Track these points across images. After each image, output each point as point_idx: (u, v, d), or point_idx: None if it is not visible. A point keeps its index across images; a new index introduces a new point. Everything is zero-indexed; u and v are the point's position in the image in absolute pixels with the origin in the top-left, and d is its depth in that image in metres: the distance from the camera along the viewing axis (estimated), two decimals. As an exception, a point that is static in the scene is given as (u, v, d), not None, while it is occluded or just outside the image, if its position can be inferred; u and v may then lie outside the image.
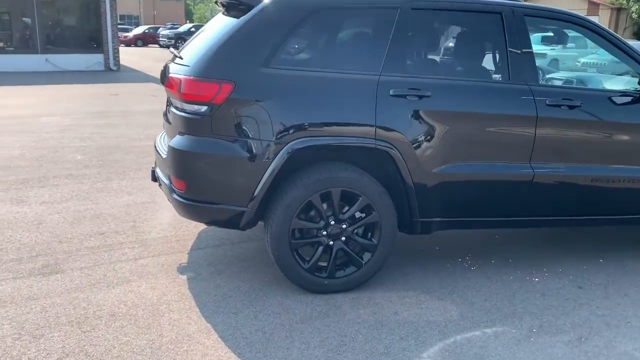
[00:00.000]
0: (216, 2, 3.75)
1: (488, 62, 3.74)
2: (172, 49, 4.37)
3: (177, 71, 3.28)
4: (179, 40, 30.90)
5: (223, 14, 3.60)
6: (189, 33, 30.08)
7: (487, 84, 3.55)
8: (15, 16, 18.24)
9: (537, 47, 7.93)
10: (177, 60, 3.48)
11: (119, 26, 25.42)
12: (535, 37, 6.22)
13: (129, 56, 25.15)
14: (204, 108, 3.13)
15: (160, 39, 35.96)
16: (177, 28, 38.33)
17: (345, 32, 3.62)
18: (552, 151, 3.55)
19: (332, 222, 3.31)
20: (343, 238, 3.35)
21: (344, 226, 3.33)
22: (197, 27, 21.61)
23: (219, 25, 3.45)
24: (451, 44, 4.01)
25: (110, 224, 4.49)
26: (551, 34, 7.06)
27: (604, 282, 3.70)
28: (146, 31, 39.90)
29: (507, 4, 3.56)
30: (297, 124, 3.16)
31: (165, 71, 3.53)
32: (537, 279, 3.70)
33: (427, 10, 3.42)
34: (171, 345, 2.86)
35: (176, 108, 3.30)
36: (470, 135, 3.41)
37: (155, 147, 3.83)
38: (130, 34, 38.86)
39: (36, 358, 2.71)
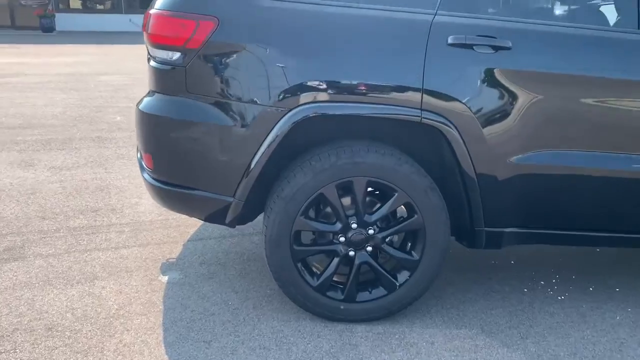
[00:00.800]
0: None
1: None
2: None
3: (152, 5, 2.39)
4: None
5: None
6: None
7: (604, 33, 2.34)
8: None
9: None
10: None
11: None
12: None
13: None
14: (175, 55, 2.22)
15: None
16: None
17: None
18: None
19: (354, 225, 2.32)
20: (369, 248, 2.36)
21: (371, 231, 2.34)
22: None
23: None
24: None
25: (111, 198, 3.76)
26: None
27: None
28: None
29: None
30: (306, 82, 2.17)
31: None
32: (657, 326, 2.53)
33: None
34: (104, 386, 2.04)
35: (148, 57, 2.42)
36: (572, 110, 2.27)
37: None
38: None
39: None
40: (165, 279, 2.76)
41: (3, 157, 4.62)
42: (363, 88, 2.18)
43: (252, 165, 2.23)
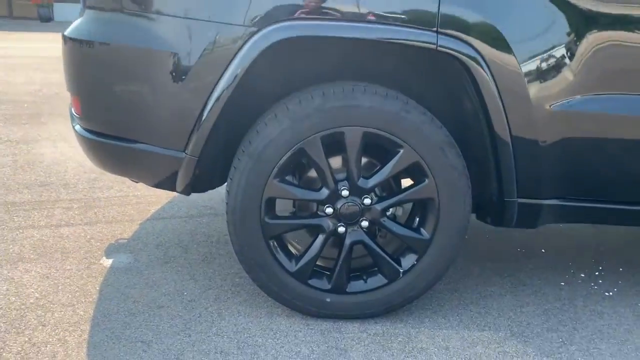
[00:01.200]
0: None
1: None
2: None
3: None
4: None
5: None
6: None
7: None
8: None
9: None
10: None
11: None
12: None
13: None
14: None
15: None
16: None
17: None
18: None
19: (345, 193, 1.75)
20: (365, 223, 1.78)
21: (368, 201, 1.76)
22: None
23: None
24: None
25: (67, 172, 3.20)
26: None
27: None
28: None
29: None
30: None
31: None
32: None
33: None
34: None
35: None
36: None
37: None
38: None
39: None
40: (108, 262, 2.19)
41: (-44, 129, 4.08)
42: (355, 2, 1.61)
43: (207, 110, 1.66)
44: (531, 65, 1.67)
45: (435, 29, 1.61)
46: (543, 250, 2.47)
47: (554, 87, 1.68)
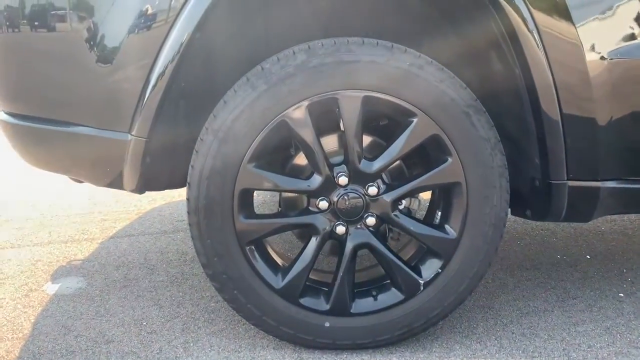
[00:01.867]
0: None
1: None
2: None
3: None
4: None
5: None
6: None
7: None
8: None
9: None
10: None
11: None
12: None
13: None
14: None
15: None
16: None
17: None
18: None
19: (344, 180, 1.32)
20: (371, 220, 1.35)
21: (374, 190, 1.33)
22: None
23: None
24: None
25: (30, 187, 2.80)
26: None
27: None
28: None
29: None
30: None
31: None
32: None
33: None
34: None
35: None
36: None
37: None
38: None
39: None
40: (53, 288, 1.76)
41: None
42: None
43: (154, 75, 1.25)
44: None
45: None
46: (588, 257, 2.03)
47: (617, 25, 1.28)
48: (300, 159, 1.40)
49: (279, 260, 1.43)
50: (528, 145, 1.39)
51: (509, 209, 1.48)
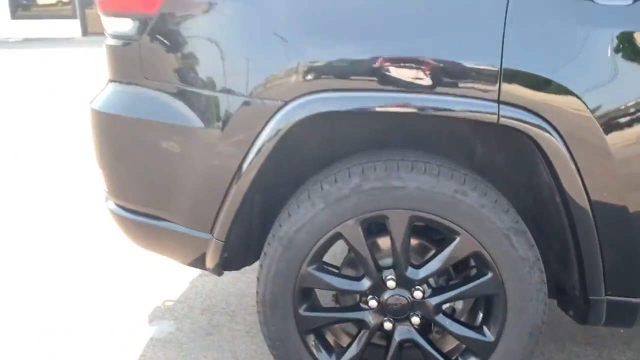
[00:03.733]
0: None
1: None
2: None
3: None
4: None
5: None
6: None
7: None
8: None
9: None
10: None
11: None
12: None
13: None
14: (128, 24, 1.52)
15: None
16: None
17: None
18: None
19: (391, 283, 1.49)
20: (416, 319, 1.51)
21: (419, 294, 1.49)
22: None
23: None
24: None
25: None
26: None
27: None
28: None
29: None
30: (312, 60, 1.38)
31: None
32: None
33: None
34: None
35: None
36: None
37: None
38: None
39: None
40: (151, 331, 2.08)
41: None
42: (399, 69, 1.35)
43: (232, 190, 1.48)
44: (621, 135, 1.33)
45: (497, 100, 1.31)
46: (647, 331, 2.05)
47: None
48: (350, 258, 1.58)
49: (332, 343, 1.64)
50: (567, 261, 1.48)
51: (556, 301, 1.59)
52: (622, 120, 1.32)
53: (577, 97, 1.29)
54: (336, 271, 1.59)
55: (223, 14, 1.45)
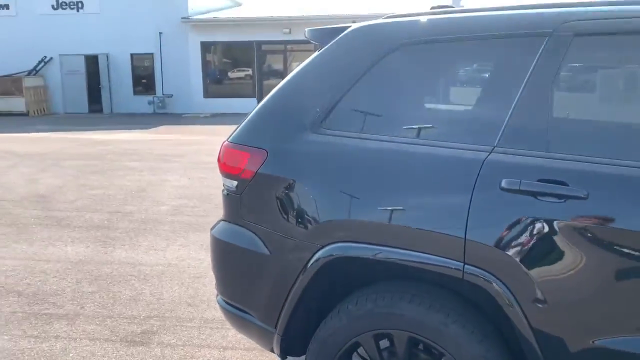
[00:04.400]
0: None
1: None
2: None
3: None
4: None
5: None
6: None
7: None
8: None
9: None
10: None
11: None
12: None
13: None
14: (235, 183, 2.32)
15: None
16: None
17: (444, 74, 2.25)
18: None
19: (396, 385, 2.03)
20: (410, 421, 2.02)
21: (416, 396, 2.00)
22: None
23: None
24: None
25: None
26: None
27: None
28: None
29: None
30: (334, 219, 2.05)
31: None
32: None
33: (598, 35, 1.82)
34: None
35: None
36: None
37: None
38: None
39: None
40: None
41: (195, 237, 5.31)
42: (390, 230, 1.94)
43: (287, 300, 2.15)
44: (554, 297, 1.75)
45: (463, 261, 1.83)
46: None
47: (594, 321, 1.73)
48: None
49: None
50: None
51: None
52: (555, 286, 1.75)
53: (523, 265, 1.76)
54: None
55: (293, 186, 2.16)
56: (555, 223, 1.74)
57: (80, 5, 20.09)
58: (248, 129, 2.32)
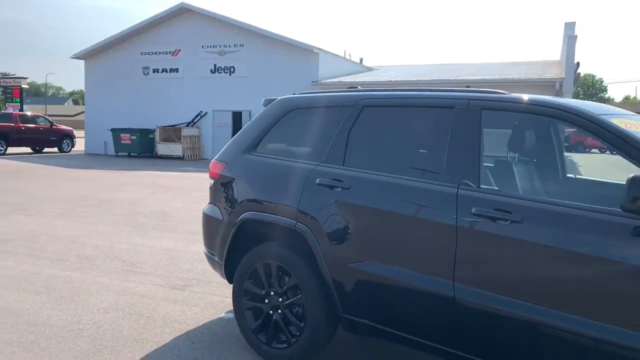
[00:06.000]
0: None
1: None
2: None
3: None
4: None
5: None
6: None
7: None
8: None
9: None
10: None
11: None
12: None
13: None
14: (212, 181, 4.17)
15: None
16: None
17: (309, 126, 3.88)
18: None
19: (272, 293, 3.65)
20: (279, 311, 3.61)
21: (280, 300, 3.61)
22: None
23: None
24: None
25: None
26: None
27: None
28: None
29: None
30: (249, 198, 3.79)
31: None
32: None
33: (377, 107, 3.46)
34: None
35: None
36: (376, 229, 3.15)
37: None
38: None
39: None
40: None
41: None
42: (270, 204, 3.64)
43: (227, 244, 3.89)
44: (333, 237, 3.31)
45: (296, 220, 3.47)
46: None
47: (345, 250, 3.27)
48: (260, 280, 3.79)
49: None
50: (329, 295, 3.41)
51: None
52: (335, 232, 3.32)
53: (319, 221, 3.37)
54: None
55: (234, 181, 3.98)
56: (333, 200, 3.33)
57: (232, 70, 23.97)
58: (222, 151, 4.18)
